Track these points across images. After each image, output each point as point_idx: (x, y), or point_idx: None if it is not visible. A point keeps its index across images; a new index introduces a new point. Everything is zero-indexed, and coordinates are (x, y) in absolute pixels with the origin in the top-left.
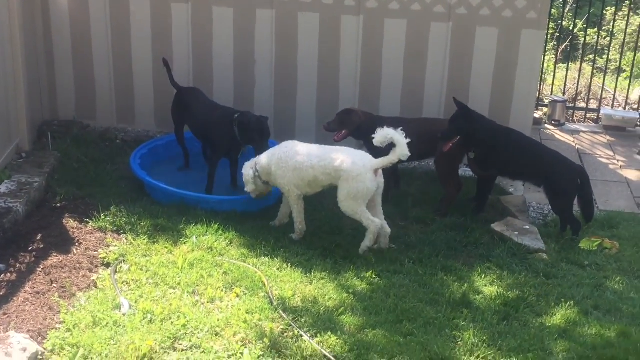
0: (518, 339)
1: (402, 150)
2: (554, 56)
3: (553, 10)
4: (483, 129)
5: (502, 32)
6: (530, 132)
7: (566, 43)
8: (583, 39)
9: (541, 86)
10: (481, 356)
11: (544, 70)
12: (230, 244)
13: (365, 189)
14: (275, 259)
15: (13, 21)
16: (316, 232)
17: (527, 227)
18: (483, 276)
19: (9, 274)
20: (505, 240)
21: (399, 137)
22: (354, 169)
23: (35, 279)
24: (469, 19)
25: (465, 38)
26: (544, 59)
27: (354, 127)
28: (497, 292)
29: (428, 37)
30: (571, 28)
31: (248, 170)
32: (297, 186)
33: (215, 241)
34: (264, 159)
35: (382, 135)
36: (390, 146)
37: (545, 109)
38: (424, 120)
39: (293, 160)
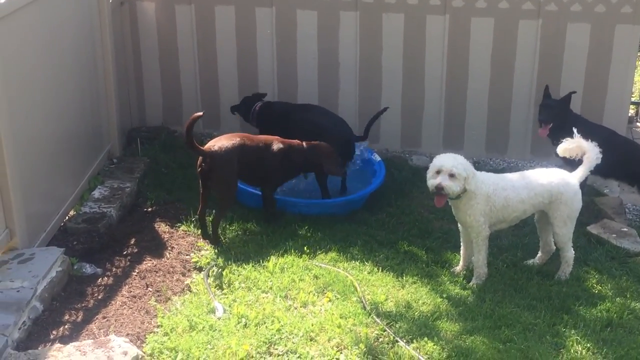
0: (625, 346)
1: (593, 156)
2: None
3: None
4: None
5: (595, 28)
6: (625, 131)
7: None
8: None
9: None
10: None
11: None
12: (320, 247)
13: (580, 207)
14: (365, 262)
15: (104, 34)
16: (405, 236)
17: (625, 229)
18: (582, 281)
19: (105, 278)
20: (603, 243)
21: (587, 144)
22: (569, 189)
23: (131, 283)
24: (559, 15)
25: (555, 35)
26: None
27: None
28: (598, 297)
29: (516, 35)
30: None
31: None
32: (491, 223)
33: (305, 245)
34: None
35: (569, 145)
36: None
37: (634, 107)
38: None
39: (502, 198)
